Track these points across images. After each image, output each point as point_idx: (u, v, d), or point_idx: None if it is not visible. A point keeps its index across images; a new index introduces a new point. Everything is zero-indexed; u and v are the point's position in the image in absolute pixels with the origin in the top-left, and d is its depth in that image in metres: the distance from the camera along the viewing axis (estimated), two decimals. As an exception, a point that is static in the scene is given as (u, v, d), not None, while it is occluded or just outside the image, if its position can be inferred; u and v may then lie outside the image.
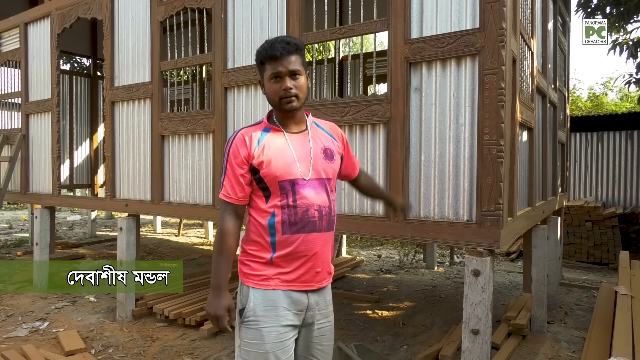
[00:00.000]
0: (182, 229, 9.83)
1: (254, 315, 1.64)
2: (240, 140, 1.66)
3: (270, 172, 1.62)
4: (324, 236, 1.69)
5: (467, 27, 2.54)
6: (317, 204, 1.66)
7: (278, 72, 1.62)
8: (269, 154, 1.64)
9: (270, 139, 1.67)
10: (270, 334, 1.62)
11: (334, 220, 1.74)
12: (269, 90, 1.66)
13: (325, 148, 1.73)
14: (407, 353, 3.57)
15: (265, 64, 1.66)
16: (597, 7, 7.09)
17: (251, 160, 1.64)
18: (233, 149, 1.66)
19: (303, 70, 1.66)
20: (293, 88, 1.63)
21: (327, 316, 1.76)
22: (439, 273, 6.38)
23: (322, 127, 1.81)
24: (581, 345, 3.63)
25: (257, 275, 1.66)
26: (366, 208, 2.94)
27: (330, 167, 1.72)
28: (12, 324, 4.12)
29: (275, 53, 1.61)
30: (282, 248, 1.64)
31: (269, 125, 1.71)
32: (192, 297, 4.48)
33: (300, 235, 1.64)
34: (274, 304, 1.64)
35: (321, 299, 1.73)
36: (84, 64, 12.76)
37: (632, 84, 7.54)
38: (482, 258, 2.45)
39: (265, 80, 1.68)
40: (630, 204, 7.91)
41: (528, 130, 3.39)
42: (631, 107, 14.74)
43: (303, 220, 1.64)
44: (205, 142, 3.80)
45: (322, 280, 1.72)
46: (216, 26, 3.65)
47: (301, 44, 1.68)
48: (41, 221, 5.25)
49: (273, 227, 1.64)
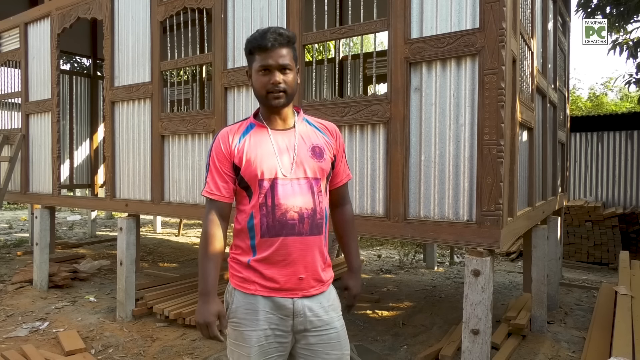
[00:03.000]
0: (182, 229, 9.83)
1: (236, 317, 1.59)
2: (224, 136, 1.61)
3: (250, 169, 1.56)
4: (306, 240, 1.56)
5: (467, 27, 2.54)
6: (297, 205, 1.55)
7: (268, 64, 1.53)
8: (249, 151, 1.57)
9: (252, 136, 1.60)
10: (251, 338, 1.56)
11: (320, 224, 1.60)
12: (256, 82, 1.57)
13: (314, 146, 1.62)
14: (407, 353, 3.57)
15: (254, 54, 1.57)
16: (597, 7, 7.09)
17: (232, 158, 1.58)
18: (215, 146, 1.61)
19: (293, 66, 1.57)
20: (282, 83, 1.54)
21: (328, 323, 1.61)
22: (439, 273, 6.38)
23: (315, 124, 1.70)
24: (581, 345, 3.63)
25: (239, 277, 1.61)
26: (366, 208, 2.94)
27: (318, 165, 1.61)
28: (12, 324, 4.12)
29: (266, 44, 1.52)
30: (261, 251, 1.56)
31: (254, 121, 1.64)
32: (192, 297, 4.48)
33: (278, 239, 1.54)
34: (254, 307, 1.57)
35: (315, 305, 1.60)
36: (84, 64, 12.76)
37: (632, 84, 7.54)
38: (482, 258, 2.45)
39: (253, 72, 1.59)
40: (630, 204, 7.92)
41: (528, 130, 3.40)
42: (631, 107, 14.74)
43: (281, 223, 1.54)
44: (205, 142, 3.80)
45: (308, 288, 1.59)
46: (216, 26, 3.65)
47: (293, 36, 1.60)
48: (41, 221, 5.25)
49: (252, 229, 1.57)
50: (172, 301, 4.37)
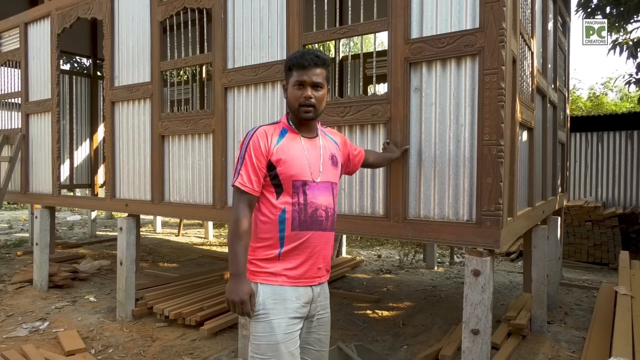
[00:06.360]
0: (182, 229, 9.84)
1: (264, 309, 1.71)
2: (262, 134, 1.76)
3: (287, 170, 1.73)
4: (327, 235, 1.82)
5: (467, 27, 2.53)
6: (324, 205, 1.80)
7: (303, 80, 1.75)
8: (287, 153, 1.75)
9: (288, 140, 1.79)
10: (280, 325, 1.70)
11: (335, 221, 1.89)
12: (291, 95, 1.78)
13: (332, 155, 1.88)
14: (407, 353, 3.57)
15: (292, 70, 1.78)
16: (597, 7, 7.09)
17: (270, 156, 1.74)
18: (254, 141, 1.75)
19: (325, 85, 1.80)
20: (313, 98, 1.75)
21: (325, 308, 1.89)
22: (439, 273, 6.38)
23: (330, 135, 1.96)
24: (581, 345, 3.63)
25: (265, 272, 1.75)
26: (366, 208, 2.95)
27: (335, 173, 1.88)
28: (12, 324, 4.12)
29: (304, 62, 1.74)
30: (289, 243, 1.74)
31: (287, 126, 1.82)
32: (192, 297, 4.48)
33: (308, 233, 1.76)
34: (282, 297, 1.73)
35: (322, 292, 1.86)
36: (84, 64, 12.76)
37: (632, 84, 7.54)
38: (482, 258, 2.45)
39: (289, 86, 1.80)
40: (630, 204, 7.92)
41: (528, 130, 3.40)
42: (631, 107, 14.74)
43: (312, 219, 1.76)
44: (205, 142, 3.80)
45: (322, 276, 1.84)
46: (216, 26, 3.65)
47: (329, 60, 1.81)
48: (41, 221, 5.26)
49: (283, 222, 1.74)
50: (172, 301, 4.37)
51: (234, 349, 3.54)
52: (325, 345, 1.91)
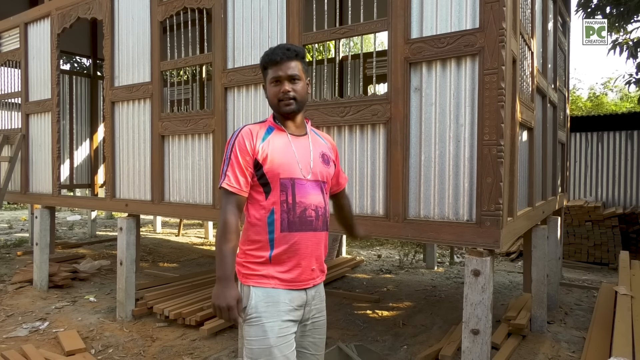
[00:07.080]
0: (182, 229, 9.84)
1: (256, 312, 1.67)
2: (247, 133, 1.72)
3: (273, 168, 1.69)
4: (319, 235, 1.76)
5: (467, 27, 2.54)
6: (314, 204, 1.73)
7: (278, 76, 1.71)
8: (273, 151, 1.70)
9: (274, 137, 1.74)
10: (273, 328, 1.65)
11: (327, 220, 1.81)
12: (270, 93, 1.75)
13: (322, 153, 1.83)
14: (407, 353, 3.57)
15: (267, 68, 1.75)
16: (597, 7, 7.09)
17: (256, 155, 1.69)
18: (239, 140, 1.71)
19: (303, 76, 1.75)
20: (291, 91, 1.71)
21: (320, 311, 1.83)
22: (439, 273, 6.38)
23: (318, 134, 1.92)
24: (581, 345, 3.63)
25: (257, 275, 1.70)
26: (366, 208, 2.95)
27: (327, 171, 1.82)
28: (12, 324, 4.12)
29: (275, 58, 1.71)
30: (279, 245, 1.69)
31: (273, 125, 1.78)
32: (192, 297, 4.48)
33: (297, 234, 1.70)
34: (275, 299, 1.68)
35: (317, 295, 1.80)
36: (84, 64, 12.76)
37: (632, 84, 7.54)
38: (482, 258, 2.45)
39: (267, 84, 1.77)
40: (630, 204, 7.91)
41: (528, 130, 3.40)
42: (631, 107, 14.74)
43: (301, 220, 1.70)
44: (205, 142, 3.80)
45: (316, 278, 1.78)
46: (216, 26, 3.65)
47: (302, 51, 1.76)
48: (41, 221, 5.26)
49: (272, 224, 1.69)
50: (172, 301, 4.37)
51: (234, 349, 3.54)
52: (321, 349, 1.86)
